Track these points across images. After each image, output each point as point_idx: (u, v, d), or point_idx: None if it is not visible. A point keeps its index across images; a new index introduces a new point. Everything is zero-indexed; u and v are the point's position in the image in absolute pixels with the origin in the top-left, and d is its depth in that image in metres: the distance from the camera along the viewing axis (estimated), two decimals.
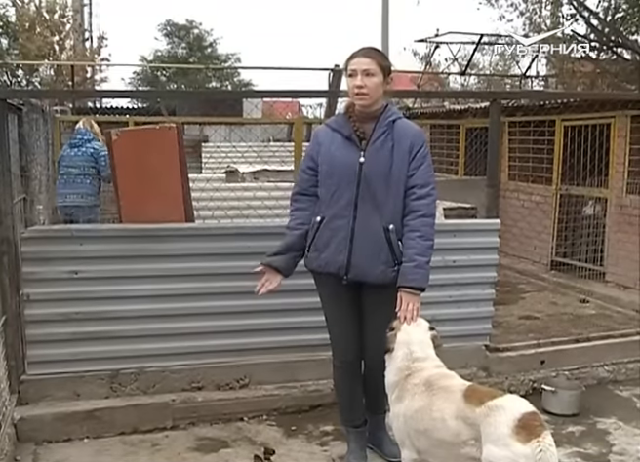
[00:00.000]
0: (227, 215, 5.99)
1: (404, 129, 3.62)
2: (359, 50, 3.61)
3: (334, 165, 3.62)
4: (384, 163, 3.55)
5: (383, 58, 3.63)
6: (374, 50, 3.66)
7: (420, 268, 3.50)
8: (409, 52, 28.09)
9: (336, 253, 3.62)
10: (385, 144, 3.57)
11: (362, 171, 3.55)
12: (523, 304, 7.15)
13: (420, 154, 3.59)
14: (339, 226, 3.61)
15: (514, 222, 8.54)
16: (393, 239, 3.57)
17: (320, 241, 3.67)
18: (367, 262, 3.59)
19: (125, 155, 4.52)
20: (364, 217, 3.57)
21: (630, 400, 5.05)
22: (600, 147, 7.77)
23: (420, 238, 3.51)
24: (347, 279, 3.64)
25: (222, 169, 9.55)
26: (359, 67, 3.52)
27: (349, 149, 3.60)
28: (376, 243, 3.57)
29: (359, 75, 3.52)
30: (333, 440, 4.28)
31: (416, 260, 3.49)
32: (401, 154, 3.56)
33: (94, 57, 22.05)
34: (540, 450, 2.74)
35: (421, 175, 3.57)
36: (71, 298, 4.30)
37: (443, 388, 3.16)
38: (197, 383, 4.53)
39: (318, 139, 3.73)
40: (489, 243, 4.93)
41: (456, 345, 4.79)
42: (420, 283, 3.51)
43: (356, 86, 3.52)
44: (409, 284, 3.49)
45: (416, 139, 3.61)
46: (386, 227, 3.56)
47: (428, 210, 3.57)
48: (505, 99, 8.12)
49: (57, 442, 4.15)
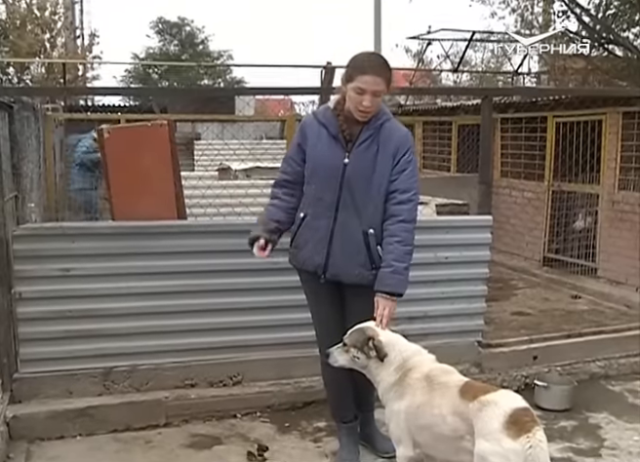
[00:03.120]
0: (220, 213, 5.99)
1: (390, 132, 3.58)
2: (369, 63, 3.45)
3: (318, 164, 3.61)
4: (368, 166, 3.53)
5: (389, 71, 3.50)
6: (383, 64, 3.50)
7: (398, 274, 3.47)
8: (401, 49, 28.19)
9: (314, 253, 3.65)
10: (370, 148, 3.54)
11: (345, 172, 3.54)
12: (515, 300, 7.17)
13: (405, 159, 3.55)
14: (319, 226, 3.62)
15: (506, 219, 8.58)
16: (372, 243, 3.57)
17: (301, 238, 3.70)
18: (344, 264, 3.61)
19: (117, 152, 4.51)
20: (344, 220, 3.57)
21: (622, 394, 5.07)
22: (592, 144, 7.80)
23: (399, 243, 3.48)
24: (325, 278, 3.67)
25: (215, 166, 9.54)
26: (369, 88, 3.40)
27: (334, 149, 3.57)
28: (354, 246, 3.58)
29: (368, 95, 3.41)
30: (326, 436, 4.29)
31: (393, 266, 3.46)
32: (385, 158, 3.53)
33: (85, 55, 21.96)
34: (530, 446, 2.75)
35: (404, 180, 3.53)
36: (63, 296, 4.30)
37: (442, 384, 3.17)
38: (190, 380, 4.53)
39: (305, 131, 3.67)
40: (481, 239, 4.94)
41: (448, 341, 4.82)
42: (397, 288, 3.47)
43: (365, 106, 3.43)
44: (385, 289, 3.46)
45: (401, 144, 3.56)
46: (366, 231, 3.56)
47: (409, 215, 3.53)
48: (497, 96, 8.15)
49: (49, 439, 4.15)
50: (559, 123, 8.38)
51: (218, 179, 8.13)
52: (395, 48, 38.27)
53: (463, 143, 10.22)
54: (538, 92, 7.28)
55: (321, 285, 3.72)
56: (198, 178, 6.88)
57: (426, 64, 22.38)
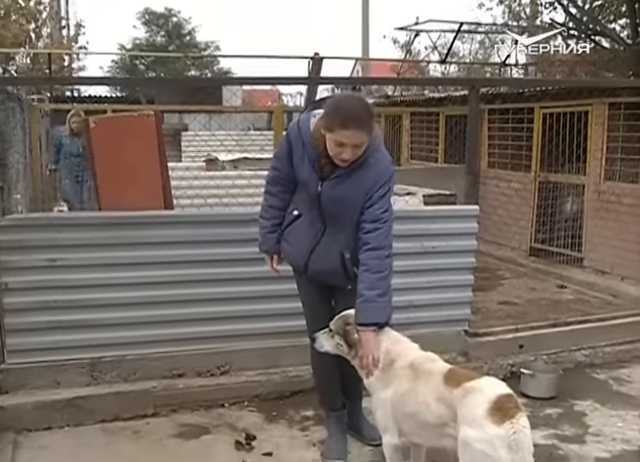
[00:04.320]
0: (207, 204, 5.98)
1: (369, 169, 3.44)
2: (351, 116, 3.22)
3: (301, 184, 3.61)
4: (339, 198, 3.48)
5: (371, 120, 3.32)
6: (366, 114, 3.28)
7: (370, 302, 3.37)
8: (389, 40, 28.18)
9: (298, 253, 3.69)
10: (344, 182, 3.45)
11: (320, 199, 3.53)
12: (502, 290, 7.21)
13: (377, 195, 3.43)
14: (308, 232, 3.64)
15: (493, 209, 8.61)
16: (348, 265, 3.59)
17: (291, 235, 3.73)
18: (322, 272, 3.67)
19: (103, 143, 4.49)
20: (329, 236, 3.60)
21: (606, 382, 5.12)
22: (578, 134, 7.83)
23: (368, 272, 3.41)
24: (307, 276, 3.74)
25: (202, 157, 9.53)
26: (350, 142, 3.25)
27: (312, 175, 3.52)
28: (332, 263, 3.61)
29: (348, 148, 3.28)
30: (314, 425, 4.31)
31: (364, 295, 3.38)
32: (359, 192, 3.44)
33: (71, 46, 21.84)
34: (514, 432, 2.78)
35: (372, 213, 3.43)
36: (50, 286, 4.28)
37: (426, 371, 3.20)
38: (178, 370, 4.54)
39: (291, 145, 3.57)
40: (467, 229, 4.97)
41: (435, 330, 4.84)
42: (371, 318, 3.37)
43: (344, 159, 3.32)
44: (360, 321, 3.38)
45: (378, 180, 3.44)
46: (343, 253, 3.58)
47: (377, 242, 3.42)
48: (484, 87, 8.17)
49: (37, 430, 4.14)
50: (546, 114, 8.40)
51: (205, 170, 8.12)
52: (383, 39, 38.36)
53: (451, 134, 10.25)
54: (525, 83, 7.30)
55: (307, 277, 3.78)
56: (185, 169, 6.87)
57: (414, 55, 22.42)
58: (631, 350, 5.58)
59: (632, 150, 7.32)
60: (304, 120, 3.54)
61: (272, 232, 3.78)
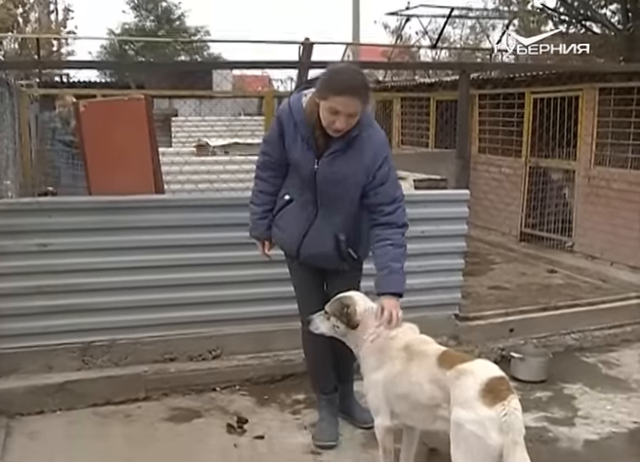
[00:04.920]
0: (198, 188, 5.97)
1: (364, 143, 3.45)
2: (346, 83, 3.24)
3: (294, 165, 3.59)
4: (337, 175, 3.47)
5: (366, 89, 3.32)
6: (361, 82, 3.31)
7: (396, 273, 3.44)
8: (379, 25, 28.05)
9: (290, 238, 3.70)
10: (340, 158, 3.46)
11: (317, 178, 3.52)
12: (492, 275, 7.24)
13: (382, 172, 3.46)
14: (299, 217, 3.64)
15: (484, 194, 8.62)
16: (342, 247, 3.60)
17: (282, 220, 3.72)
18: (315, 256, 3.68)
19: (93, 126, 4.46)
20: (322, 218, 3.60)
21: (596, 366, 5.17)
22: (568, 119, 7.84)
23: (392, 246, 3.46)
24: (299, 261, 3.74)
25: (192, 142, 9.49)
26: (344, 110, 3.25)
27: (307, 153, 3.50)
28: (326, 246, 3.62)
29: (342, 116, 3.26)
30: (305, 408, 4.33)
31: (390, 266, 3.44)
32: (358, 169, 3.45)
33: (59, 30, 21.66)
34: (505, 414, 2.80)
35: (386, 193, 3.48)
36: (41, 271, 4.28)
37: (420, 353, 3.22)
38: (170, 354, 4.55)
39: (282, 126, 3.55)
40: (458, 213, 4.98)
41: (426, 314, 4.85)
42: (398, 288, 3.44)
43: (337, 128, 3.31)
44: (387, 290, 3.42)
45: (376, 155, 3.45)
46: (337, 235, 3.58)
47: (400, 220, 3.50)
48: (475, 71, 8.17)
49: (29, 414, 4.15)
50: (536, 99, 8.40)
51: (196, 156, 8.10)
52: (374, 24, 38.20)
53: (441, 119, 10.24)
54: (515, 67, 7.31)
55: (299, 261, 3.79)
56: (176, 154, 6.85)
57: (405, 41, 22.35)
58: (620, 334, 5.63)
59: (622, 135, 7.34)
60: (295, 100, 3.53)
61: (263, 218, 3.77)
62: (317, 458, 3.78)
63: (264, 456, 3.79)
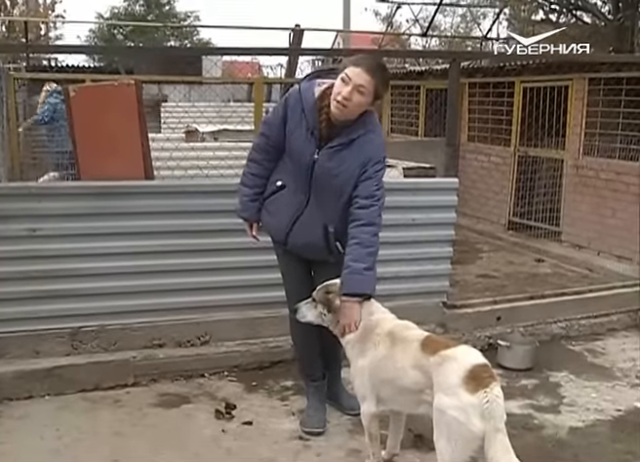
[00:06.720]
0: (188, 174, 5.96)
1: (365, 144, 3.50)
2: (367, 60, 3.39)
3: (293, 151, 3.59)
4: (333, 168, 3.49)
5: (383, 82, 3.43)
6: (381, 67, 3.45)
7: (357, 274, 3.40)
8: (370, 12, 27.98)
9: (279, 224, 3.70)
10: (340, 152, 3.49)
11: (314, 167, 3.53)
12: (480, 264, 7.29)
13: (373, 169, 3.50)
14: (291, 203, 3.64)
15: (473, 183, 8.65)
16: (331, 239, 3.61)
17: (272, 205, 3.72)
18: (303, 245, 3.68)
19: (83, 111, 4.44)
20: (313, 207, 3.60)
21: (581, 354, 5.22)
22: (558, 109, 7.87)
23: (358, 245, 3.43)
24: (287, 248, 3.75)
25: (182, 128, 9.45)
26: (355, 80, 3.31)
27: (308, 142, 3.52)
28: (314, 236, 3.62)
29: (351, 87, 3.31)
30: (293, 394, 4.36)
31: (350, 266, 3.41)
32: (353, 166, 3.49)
33: (47, 14, 21.48)
34: (487, 401, 2.83)
35: (367, 188, 3.49)
36: (30, 256, 4.26)
37: (404, 338, 3.25)
38: (158, 340, 4.55)
39: (288, 110, 3.57)
40: (447, 201, 5.00)
41: (414, 302, 4.89)
42: (355, 289, 3.40)
43: (342, 96, 3.32)
44: (344, 291, 3.42)
45: (373, 156, 3.50)
46: (326, 226, 3.59)
47: (369, 218, 3.47)
48: (465, 60, 8.16)
49: (18, 399, 4.15)
50: (526, 88, 8.43)
51: (185, 142, 8.07)
52: (364, 11, 38.11)
53: (431, 107, 10.24)
54: (506, 57, 7.31)
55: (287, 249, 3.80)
56: (166, 139, 6.83)
57: (395, 28, 22.32)
58: (606, 323, 5.69)
59: (611, 125, 7.38)
60: (307, 87, 3.56)
61: (254, 200, 3.77)
62: (305, 444, 3.80)
63: (253, 442, 3.81)
